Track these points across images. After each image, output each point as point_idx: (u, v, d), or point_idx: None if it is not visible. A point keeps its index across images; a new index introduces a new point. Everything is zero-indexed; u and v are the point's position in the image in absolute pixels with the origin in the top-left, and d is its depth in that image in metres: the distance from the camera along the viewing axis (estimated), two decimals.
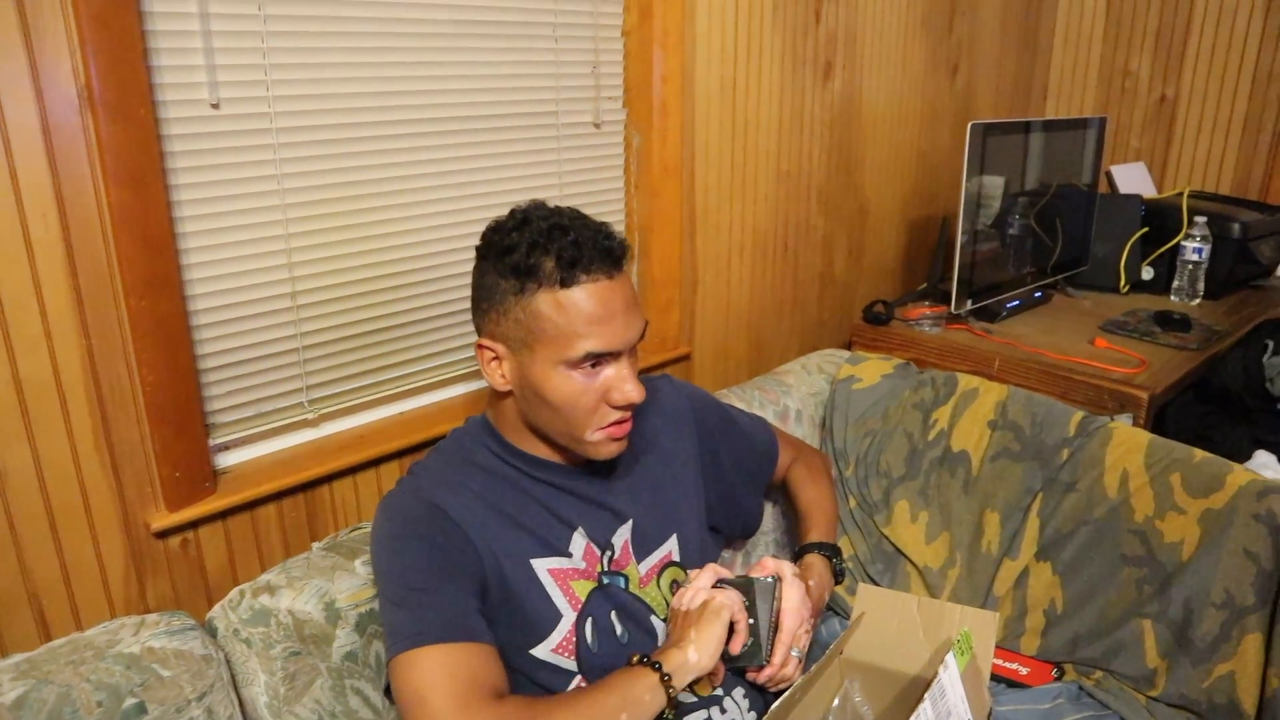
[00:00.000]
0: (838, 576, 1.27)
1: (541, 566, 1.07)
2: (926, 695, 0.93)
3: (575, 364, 1.01)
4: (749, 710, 1.15)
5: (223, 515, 1.31)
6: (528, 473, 1.11)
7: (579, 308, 0.99)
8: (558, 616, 1.07)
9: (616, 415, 1.05)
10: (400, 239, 1.45)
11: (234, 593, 1.11)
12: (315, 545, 1.22)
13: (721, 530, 1.34)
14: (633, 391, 1.03)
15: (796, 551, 1.28)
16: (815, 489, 1.38)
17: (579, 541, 1.11)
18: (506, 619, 1.04)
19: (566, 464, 1.13)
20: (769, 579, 1.11)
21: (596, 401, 1.03)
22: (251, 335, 1.32)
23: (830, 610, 1.64)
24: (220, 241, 1.26)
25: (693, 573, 1.13)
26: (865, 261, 2.39)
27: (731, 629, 1.07)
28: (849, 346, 2.21)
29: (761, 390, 1.67)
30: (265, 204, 1.29)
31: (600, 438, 1.06)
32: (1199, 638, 1.31)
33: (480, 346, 1.07)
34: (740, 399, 1.62)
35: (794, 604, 1.11)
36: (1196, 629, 1.32)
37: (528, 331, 1.01)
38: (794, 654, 1.11)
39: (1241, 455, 1.81)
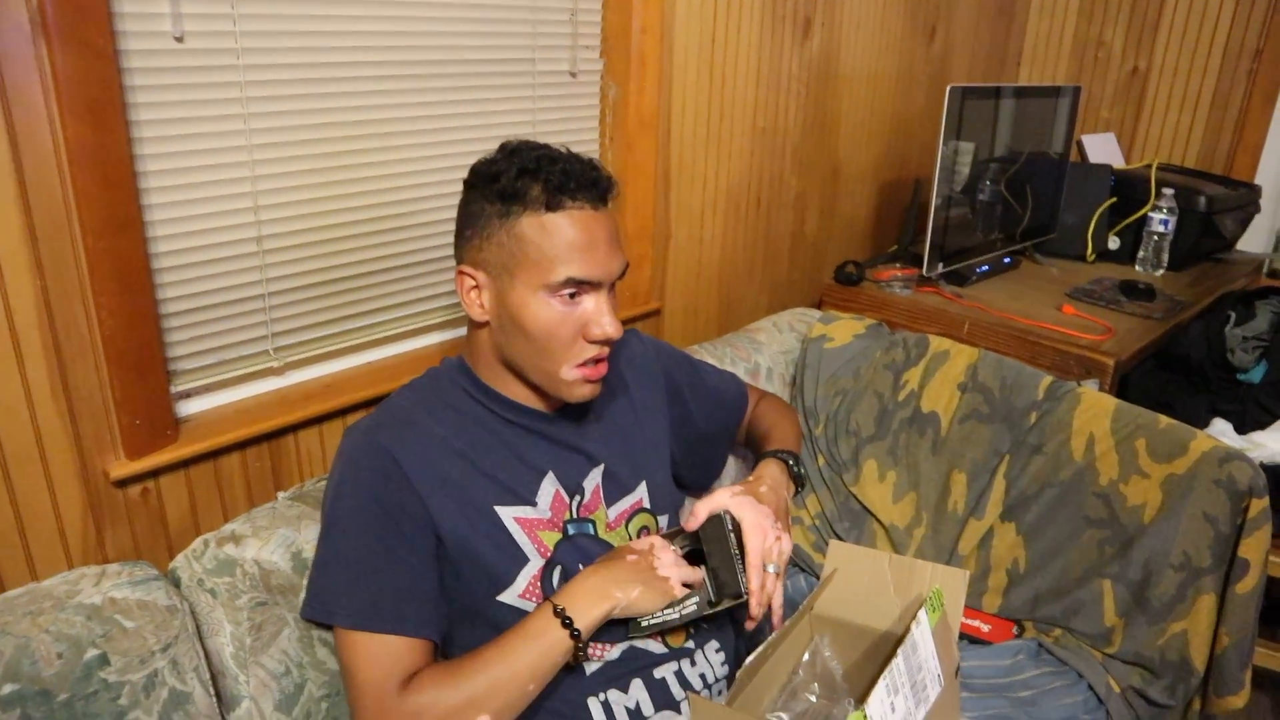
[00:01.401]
0: (797, 481, 1.25)
1: (507, 514, 1.06)
2: (899, 650, 0.94)
3: (555, 289, 1.00)
4: (722, 664, 1.15)
5: (184, 464, 1.28)
6: (500, 414, 1.10)
7: (563, 232, 0.99)
8: (524, 560, 1.06)
9: (593, 352, 1.04)
10: (370, 184, 1.41)
11: (198, 542, 1.08)
12: (281, 495, 1.19)
13: (685, 481, 1.34)
14: (610, 326, 1.03)
15: (752, 466, 1.27)
16: (776, 415, 1.38)
17: (548, 489, 1.10)
18: (469, 566, 1.04)
19: (540, 408, 1.12)
20: (720, 514, 1.09)
21: (574, 334, 1.03)
22: (215, 280, 1.28)
23: (796, 567, 1.65)
24: (183, 182, 1.21)
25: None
26: (836, 222, 2.38)
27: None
28: (819, 306, 2.21)
29: (733, 347, 1.66)
30: (230, 144, 1.24)
31: (575, 376, 1.05)
32: (1156, 598, 1.34)
33: (460, 274, 1.06)
34: (712, 355, 1.62)
35: (751, 520, 1.09)
36: (1154, 589, 1.35)
37: (510, 255, 1.01)
38: (770, 569, 1.09)
39: (1199, 424, 1.85)
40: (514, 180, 1.00)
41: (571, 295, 1.01)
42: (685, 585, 1.07)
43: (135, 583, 0.99)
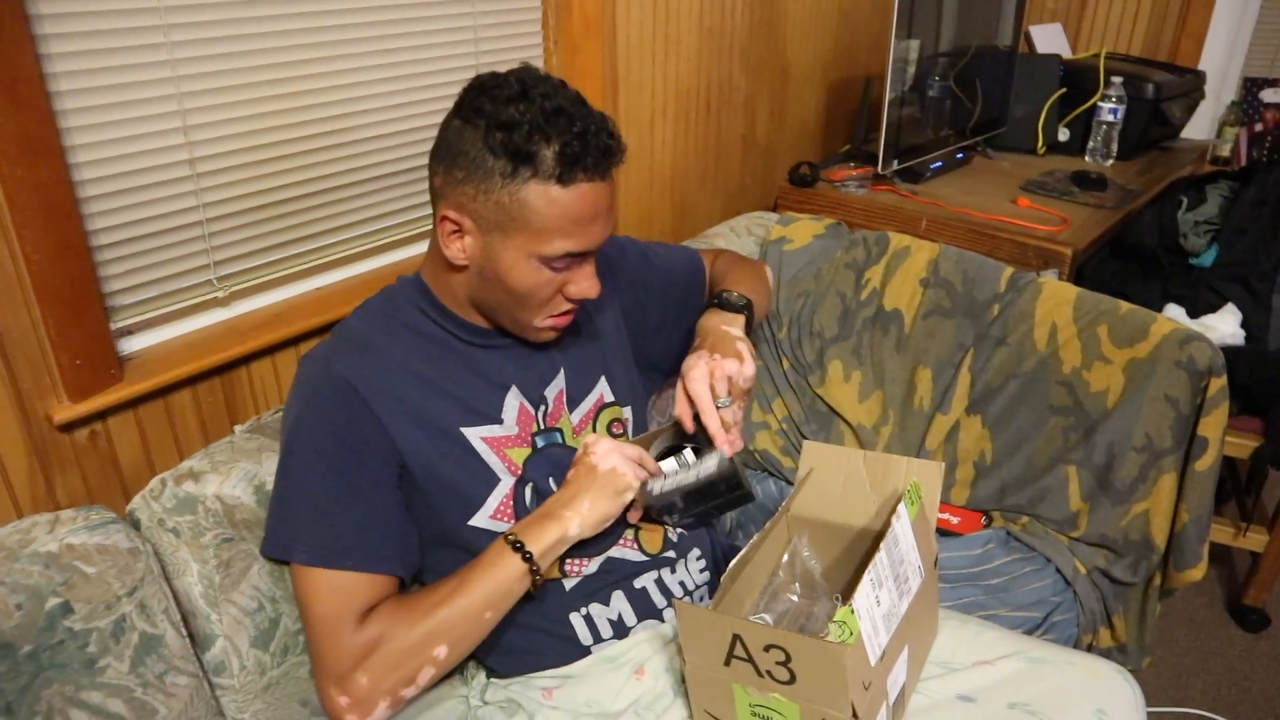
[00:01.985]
0: (740, 309, 1.22)
1: (474, 434, 1.04)
2: (881, 545, 0.94)
3: (549, 260, 0.96)
4: (702, 571, 1.15)
5: (132, 404, 1.22)
6: (459, 336, 1.07)
7: (570, 208, 0.93)
8: (494, 481, 1.04)
9: (568, 306, 1.03)
10: (307, 99, 1.33)
11: (155, 482, 1.04)
12: (237, 428, 1.15)
13: (660, 366, 1.30)
14: (591, 289, 1.01)
15: None
16: (727, 267, 1.34)
17: (512, 403, 1.07)
18: (438, 492, 1.02)
19: (495, 328, 1.08)
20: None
21: (555, 293, 1.01)
22: (147, 208, 1.20)
23: (766, 471, 1.65)
24: (102, 102, 1.12)
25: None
26: (787, 124, 2.33)
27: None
28: (775, 209, 2.18)
29: None
30: (150, 59, 1.15)
31: (546, 325, 1.04)
32: (1119, 480, 1.37)
33: (444, 218, 0.97)
34: None
35: (687, 373, 1.10)
36: (1117, 472, 1.37)
37: (509, 218, 0.94)
38: (721, 404, 1.08)
39: (1154, 309, 1.88)
40: (527, 139, 0.90)
41: (564, 265, 0.98)
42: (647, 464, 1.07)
43: (92, 527, 0.94)
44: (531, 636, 1.08)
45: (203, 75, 1.21)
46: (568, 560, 1.06)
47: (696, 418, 1.09)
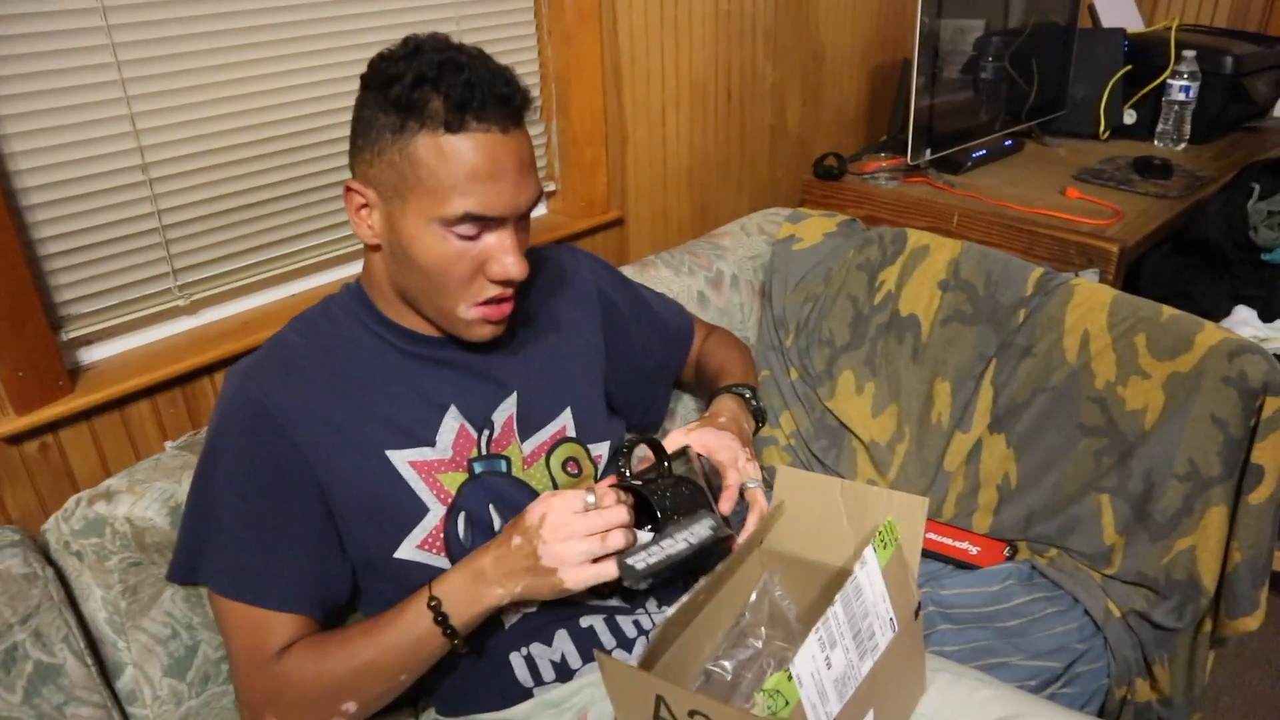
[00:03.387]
0: (757, 415, 1.15)
1: (400, 459, 0.95)
2: (838, 597, 0.82)
3: (450, 224, 0.86)
4: (661, 607, 1.05)
5: (85, 415, 1.18)
6: (397, 345, 0.98)
7: (462, 159, 0.84)
8: (422, 511, 0.95)
9: (494, 291, 0.92)
10: (271, 98, 1.27)
11: (70, 501, 0.99)
12: (169, 444, 1.09)
13: (622, 416, 1.21)
14: (513, 266, 0.89)
15: (707, 404, 1.17)
16: (727, 351, 1.26)
17: (450, 424, 0.98)
18: (361, 521, 0.94)
19: (442, 336, 0.99)
20: (682, 449, 0.98)
21: (472, 272, 0.90)
22: (97, 215, 1.16)
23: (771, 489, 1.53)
24: (42, 107, 1.08)
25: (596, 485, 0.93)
26: (822, 113, 2.19)
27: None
28: (801, 206, 2.04)
29: (693, 255, 1.52)
30: (94, 61, 1.11)
31: (474, 316, 0.93)
32: (1159, 511, 1.21)
33: (348, 190, 0.92)
34: (669, 265, 1.47)
35: (716, 442, 1.00)
36: (1157, 502, 1.21)
37: (402, 178, 0.86)
38: (751, 485, 1.00)
39: (1220, 312, 1.68)
40: (410, 90, 0.84)
41: (472, 230, 0.88)
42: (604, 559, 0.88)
43: None
44: (469, 678, 1.00)
45: (152, 77, 1.16)
46: None
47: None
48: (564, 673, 0.99)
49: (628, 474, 0.96)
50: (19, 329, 1.09)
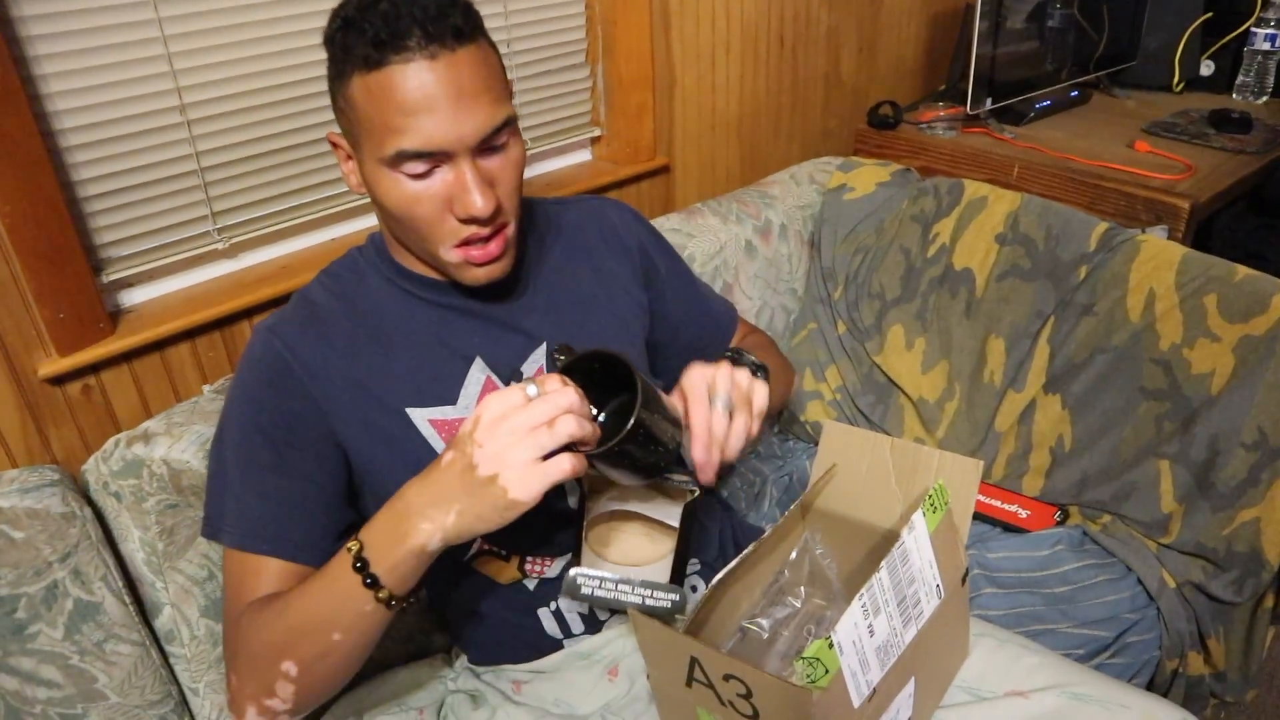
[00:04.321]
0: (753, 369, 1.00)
1: (420, 417, 0.92)
2: (884, 563, 0.79)
3: (393, 164, 0.82)
4: (695, 571, 1.02)
5: (126, 357, 1.18)
6: (419, 295, 0.95)
7: (390, 94, 0.79)
8: None
9: (468, 231, 0.85)
10: (308, 38, 1.24)
11: (109, 443, 0.99)
12: (206, 388, 1.09)
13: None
14: (475, 202, 0.81)
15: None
16: (766, 354, 1.16)
17: (476, 377, 0.95)
18: (386, 475, 0.90)
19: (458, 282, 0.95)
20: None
21: (439, 212, 0.84)
22: (136, 157, 1.15)
23: (797, 439, 1.49)
24: (77, 47, 1.06)
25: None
26: (879, 61, 2.11)
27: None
28: (854, 156, 1.98)
29: (741, 203, 1.47)
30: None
31: (457, 259, 0.87)
32: (1222, 481, 1.15)
33: (332, 143, 0.90)
34: (716, 213, 1.43)
35: (695, 372, 0.84)
36: (1221, 471, 1.16)
37: (351, 125, 0.84)
38: (720, 401, 0.82)
39: None
40: (340, 34, 0.81)
41: (423, 168, 0.82)
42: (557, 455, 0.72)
43: (26, 490, 0.90)
44: (498, 630, 0.99)
45: (189, 15, 1.14)
46: (528, 560, 0.95)
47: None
48: (592, 624, 0.98)
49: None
50: (59, 271, 1.09)
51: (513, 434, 0.70)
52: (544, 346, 0.99)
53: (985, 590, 1.18)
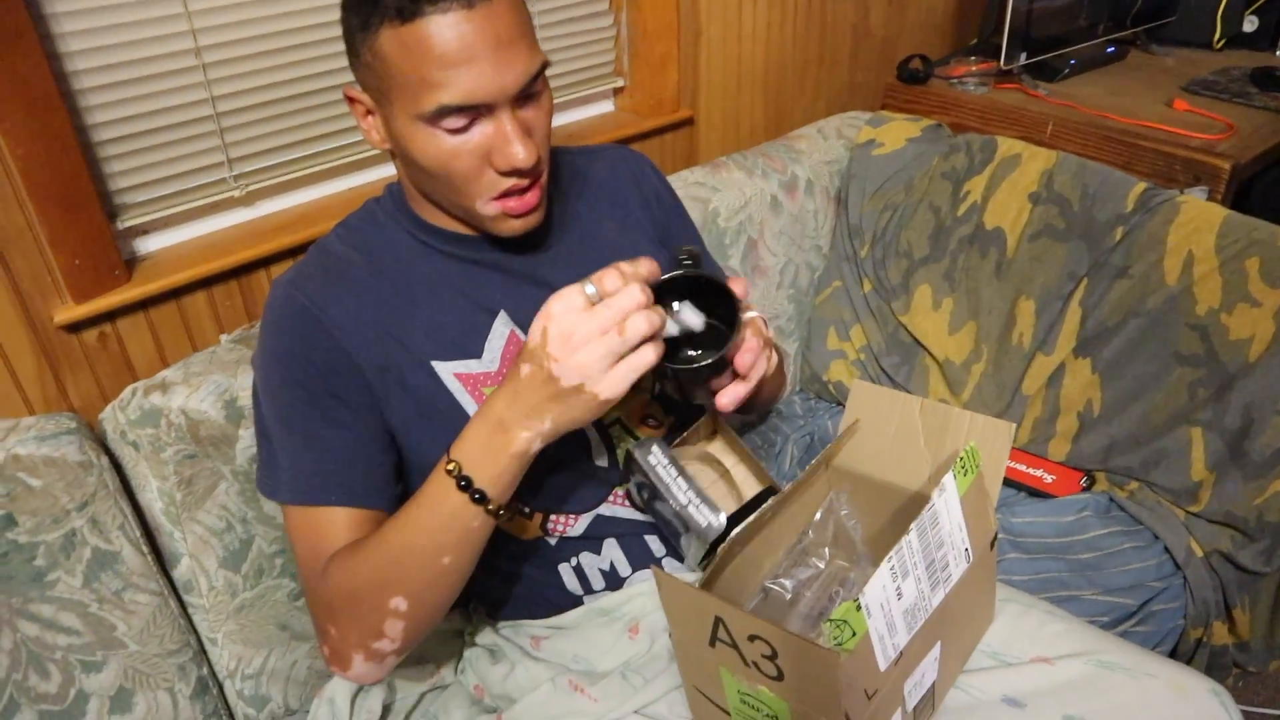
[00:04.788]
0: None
1: (446, 370, 0.90)
2: (913, 526, 0.77)
3: (432, 120, 0.78)
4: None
5: (142, 305, 1.17)
6: (440, 249, 0.93)
7: (426, 47, 0.75)
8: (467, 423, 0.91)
9: (508, 184, 0.83)
10: None
11: (126, 391, 0.98)
12: (224, 337, 1.07)
13: None
14: (518, 154, 0.79)
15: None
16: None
17: (500, 331, 0.93)
18: (419, 426, 0.90)
19: (481, 236, 0.93)
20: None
21: (478, 165, 0.82)
22: (151, 101, 1.13)
23: (839, 405, 1.47)
24: None
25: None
26: (909, 13, 2.05)
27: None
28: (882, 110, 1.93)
29: (766, 158, 1.43)
30: None
31: (494, 211, 0.85)
32: (1257, 450, 1.13)
33: (349, 98, 0.86)
34: (741, 167, 1.40)
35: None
36: (1255, 440, 1.13)
37: (379, 78, 0.80)
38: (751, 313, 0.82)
39: None
40: None
41: (463, 122, 0.79)
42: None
43: (44, 438, 0.89)
44: (518, 585, 0.98)
45: None
46: (551, 517, 0.94)
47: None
48: (614, 580, 0.97)
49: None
50: (74, 216, 1.07)
51: (586, 343, 0.71)
52: None
53: (1010, 555, 1.17)
